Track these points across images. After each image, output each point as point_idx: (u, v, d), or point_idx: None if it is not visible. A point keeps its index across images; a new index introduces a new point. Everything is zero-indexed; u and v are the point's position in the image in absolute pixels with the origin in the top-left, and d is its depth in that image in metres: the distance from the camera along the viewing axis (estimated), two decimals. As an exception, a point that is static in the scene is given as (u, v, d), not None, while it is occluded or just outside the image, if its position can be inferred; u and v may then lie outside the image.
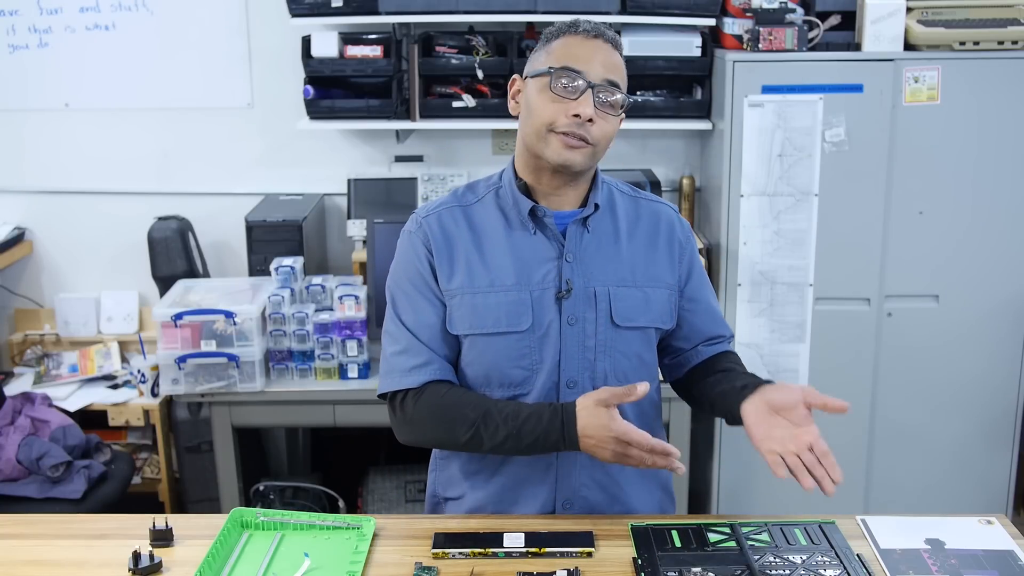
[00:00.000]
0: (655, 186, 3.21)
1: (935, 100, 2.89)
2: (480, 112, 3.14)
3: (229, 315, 2.83)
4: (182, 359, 2.84)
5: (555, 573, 1.50)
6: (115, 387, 3.27)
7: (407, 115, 3.19)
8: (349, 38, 3.15)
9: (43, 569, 1.54)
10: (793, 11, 2.93)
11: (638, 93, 3.17)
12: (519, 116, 1.68)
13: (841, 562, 1.53)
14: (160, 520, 1.61)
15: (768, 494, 3.11)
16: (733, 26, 3.01)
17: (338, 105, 3.18)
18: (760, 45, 2.91)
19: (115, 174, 3.51)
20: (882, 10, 2.87)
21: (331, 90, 3.20)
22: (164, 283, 3.23)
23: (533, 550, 1.56)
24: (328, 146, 3.47)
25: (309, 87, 3.13)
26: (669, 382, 1.87)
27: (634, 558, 1.55)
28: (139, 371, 3.27)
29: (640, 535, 1.61)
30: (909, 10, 2.89)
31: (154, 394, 3.19)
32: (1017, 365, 3.07)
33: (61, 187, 3.52)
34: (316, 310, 2.94)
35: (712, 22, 3.07)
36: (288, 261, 2.99)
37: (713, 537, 1.60)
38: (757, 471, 3.10)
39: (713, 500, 3.17)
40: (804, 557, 1.54)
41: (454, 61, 3.14)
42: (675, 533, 1.61)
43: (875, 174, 2.94)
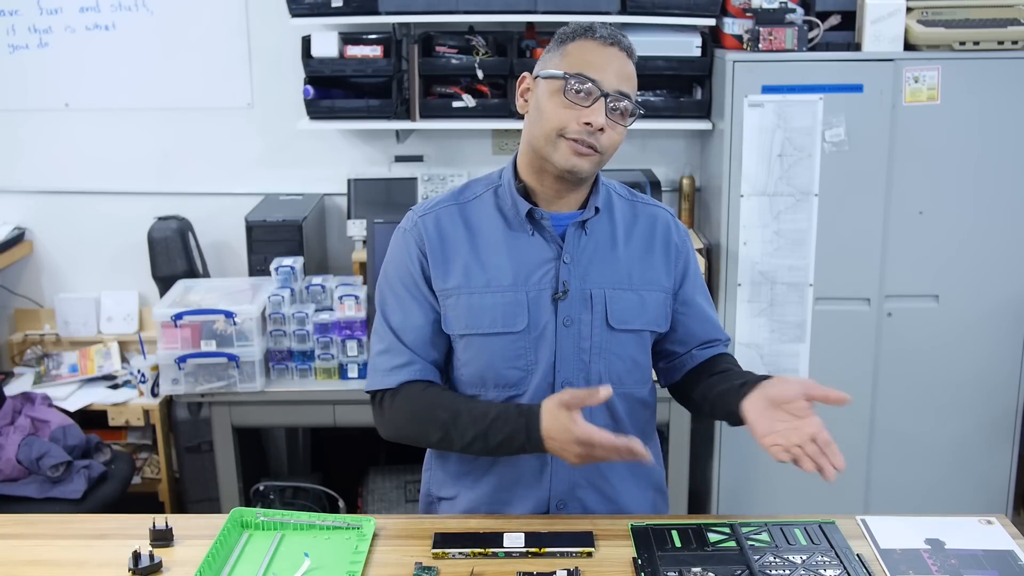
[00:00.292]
0: (655, 186, 3.20)
1: (935, 100, 2.89)
2: (480, 112, 3.14)
3: (229, 315, 2.83)
4: (182, 359, 2.84)
5: (555, 573, 1.50)
6: (115, 387, 3.27)
7: (407, 115, 3.19)
8: (349, 38, 3.15)
9: (43, 569, 1.54)
10: (793, 11, 2.93)
11: (638, 93, 3.15)
12: (526, 115, 1.67)
13: (841, 562, 1.53)
14: (160, 520, 1.61)
15: (768, 494, 3.11)
16: (733, 26, 3.01)
17: (338, 105, 3.18)
18: (760, 45, 2.91)
19: (115, 174, 3.51)
20: (882, 10, 2.87)
21: (331, 90, 3.20)
22: (164, 283, 3.23)
23: (533, 550, 1.56)
24: (328, 146, 3.47)
25: (309, 87, 3.13)
26: (667, 387, 1.86)
27: (634, 558, 1.55)
28: (139, 371, 3.27)
29: (640, 535, 1.61)
30: (909, 10, 2.89)
31: (154, 394, 3.19)
32: (1017, 365, 3.07)
33: (61, 187, 3.52)
34: (316, 310, 2.94)
35: (712, 22, 3.07)
36: (288, 261, 2.99)
37: (713, 537, 1.60)
38: (757, 471, 3.10)
39: (713, 500, 3.17)
40: (804, 557, 1.54)
41: (454, 61, 3.14)
42: (675, 533, 1.61)
43: (875, 174, 2.94)
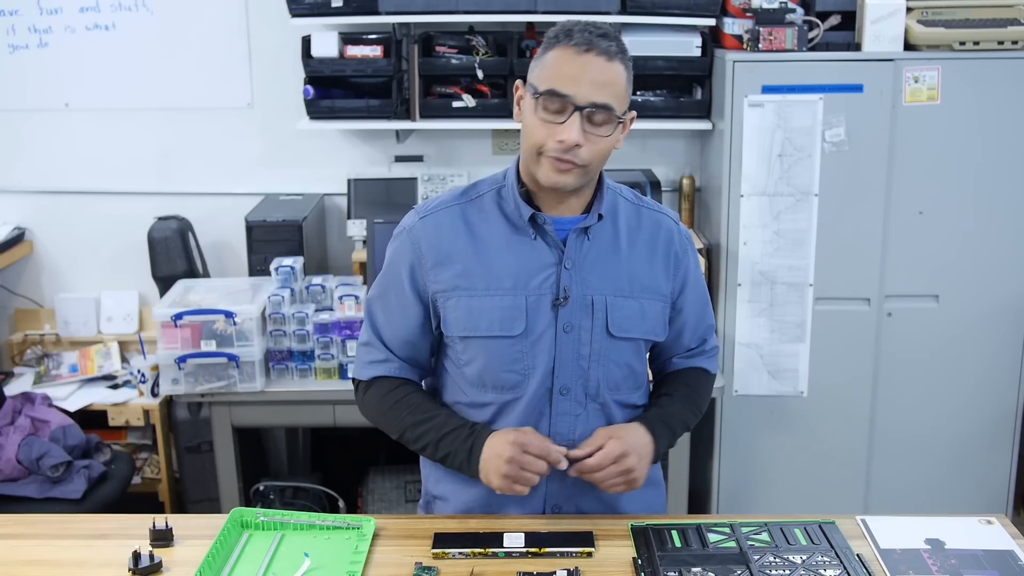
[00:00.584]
0: (655, 186, 3.20)
1: (935, 100, 2.89)
2: (480, 112, 3.14)
3: (229, 315, 2.83)
4: (182, 359, 2.84)
5: (555, 573, 1.50)
6: (115, 387, 3.27)
7: (407, 115, 3.19)
8: (349, 38, 3.15)
9: (43, 569, 1.54)
10: (793, 11, 2.93)
11: (638, 93, 3.16)
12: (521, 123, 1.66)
13: (841, 562, 1.53)
14: (160, 520, 1.61)
15: (768, 494, 3.11)
16: (733, 26, 3.00)
17: (338, 105, 3.18)
18: (760, 45, 2.91)
19: (115, 174, 3.51)
20: (882, 10, 2.87)
21: (331, 90, 3.20)
22: (164, 283, 3.23)
23: (533, 550, 1.56)
24: (328, 146, 3.46)
25: (309, 87, 3.13)
26: None
27: (634, 558, 1.55)
28: (139, 371, 3.27)
29: (640, 535, 1.61)
30: (909, 10, 2.89)
31: (154, 394, 3.19)
32: (1017, 365, 3.07)
33: (61, 187, 3.52)
34: (316, 310, 2.94)
35: (712, 22, 3.07)
36: (288, 261, 2.99)
37: (713, 537, 1.60)
38: (757, 471, 3.10)
39: (713, 500, 3.17)
40: (804, 557, 1.54)
41: (454, 61, 3.14)
42: (675, 533, 1.61)
43: (875, 174, 2.94)
